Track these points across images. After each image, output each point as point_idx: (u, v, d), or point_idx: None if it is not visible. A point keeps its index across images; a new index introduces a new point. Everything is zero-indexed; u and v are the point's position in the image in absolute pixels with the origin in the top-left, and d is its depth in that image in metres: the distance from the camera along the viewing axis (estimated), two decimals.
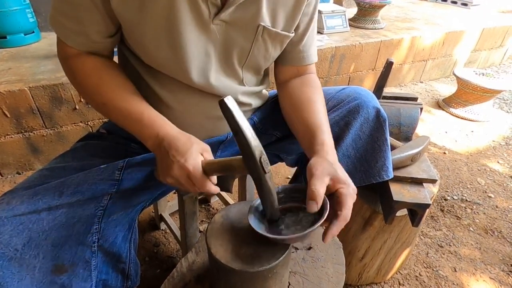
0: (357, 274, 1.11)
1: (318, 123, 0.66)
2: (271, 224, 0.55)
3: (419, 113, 1.06)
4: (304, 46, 0.75)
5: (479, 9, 3.61)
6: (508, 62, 3.48)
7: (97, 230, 0.59)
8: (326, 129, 0.65)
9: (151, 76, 0.67)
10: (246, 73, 0.73)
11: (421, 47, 2.62)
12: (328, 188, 0.52)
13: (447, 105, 2.43)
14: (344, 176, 0.54)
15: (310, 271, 0.63)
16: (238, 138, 0.47)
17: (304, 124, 0.68)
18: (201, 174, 0.54)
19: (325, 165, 0.54)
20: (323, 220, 0.48)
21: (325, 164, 0.54)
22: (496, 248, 1.32)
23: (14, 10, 1.76)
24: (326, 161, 0.56)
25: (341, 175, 0.54)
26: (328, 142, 0.62)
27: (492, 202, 1.56)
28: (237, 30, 0.63)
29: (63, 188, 0.56)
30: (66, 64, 0.64)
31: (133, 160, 0.64)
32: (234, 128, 0.47)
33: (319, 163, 0.54)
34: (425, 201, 0.82)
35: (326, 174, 0.52)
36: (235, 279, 0.50)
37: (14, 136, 1.49)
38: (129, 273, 0.67)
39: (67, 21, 0.58)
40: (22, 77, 1.48)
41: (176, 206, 1.33)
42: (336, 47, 2.18)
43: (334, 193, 0.53)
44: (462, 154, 1.92)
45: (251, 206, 0.55)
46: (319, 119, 0.67)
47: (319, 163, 0.54)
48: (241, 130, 0.46)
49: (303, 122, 0.69)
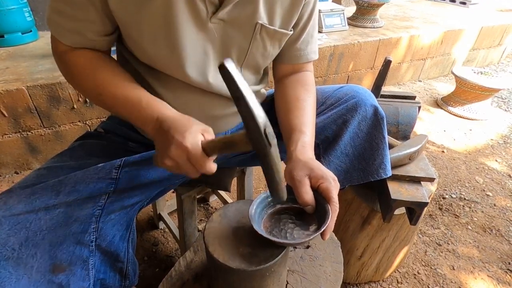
0: (355, 272, 1.11)
1: (297, 124, 0.67)
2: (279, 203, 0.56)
3: (417, 111, 1.06)
4: (301, 44, 0.75)
5: (478, 7, 3.61)
6: (506, 61, 3.49)
7: (94, 229, 0.58)
8: (305, 129, 0.66)
9: (150, 75, 0.67)
10: (245, 72, 0.72)
11: (420, 46, 2.63)
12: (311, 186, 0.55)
13: (445, 103, 2.43)
14: (321, 171, 0.56)
15: (308, 269, 0.63)
16: (240, 105, 0.43)
17: (287, 124, 0.70)
18: (200, 153, 0.50)
19: (300, 167, 0.57)
20: (324, 227, 0.50)
21: (299, 166, 0.57)
22: (494, 246, 1.32)
23: (11, 9, 1.76)
24: (299, 162, 0.58)
25: (317, 171, 0.56)
26: (303, 142, 0.63)
27: (490, 200, 1.56)
28: (235, 29, 0.63)
29: (60, 187, 0.56)
30: (60, 60, 0.63)
31: (130, 158, 0.64)
32: (235, 94, 0.42)
33: (294, 168, 0.57)
34: (423, 199, 0.82)
35: (304, 176, 0.55)
36: (233, 278, 0.50)
37: (12, 135, 1.48)
38: (127, 272, 0.66)
39: (63, 20, 0.58)
40: (19, 77, 1.47)
41: (174, 205, 1.33)
42: (334, 46, 2.18)
43: (317, 189, 0.55)
44: (461, 153, 1.93)
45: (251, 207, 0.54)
46: (300, 119, 0.68)
47: (294, 168, 0.57)
48: (242, 96, 0.41)
49: (287, 122, 0.70)
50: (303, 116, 0.69)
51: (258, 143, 0.44)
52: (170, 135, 0.51)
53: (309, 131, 0.67)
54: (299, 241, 0.51)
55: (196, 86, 0.66)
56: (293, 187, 0.55)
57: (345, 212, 1.03)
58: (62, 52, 0.62)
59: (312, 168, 0.56)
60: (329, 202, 0.53)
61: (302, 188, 0.54)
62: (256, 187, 1.60)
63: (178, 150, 0.50)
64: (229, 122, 0.78)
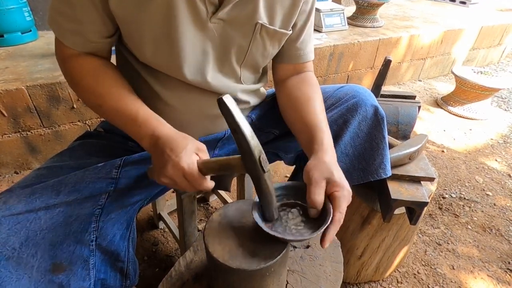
0: (355, 272, 1.11)
1: (317, 122, 0.66)
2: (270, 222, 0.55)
3: (417, 111, 1.06)
4: (302, 44, 0.75)
5: (478, 7, 3.61)
6: (506, 60, 3.49)
7: (95, 229, 0.59)
8: (325, 128, 0.65)
9: (149, 75, 0.67)
10: (244, 71, 0.72)
11: (420, 46, 2.62)
12: (325, 191, 0.54)
13: (445, 103, 2.43)
14: (340, 179, 0.55)
15: (308, 269, 0.63)
16: (237, 137, 0.47)
17: (303, 123, 0.68)
18: (197, 173, 0.53)
19: (322, 168, 0.55)
20: (328, 224, 0.50)
21: (322, 167, 0.55)
22: (494, 246, 1.32)
23: (11, 8, 1.75)
24: (323, 163, 0.56)
25: (337, 178, 0.54)
26: (326, 141, 0.62)
27: (490, 200, 1.56)
28: (235, 28, 0.63)
29: (60, 186, 0.56)
30: (64, 66, 0.64)
31: (130, 158, 0.64)
32: (232, 126, 0.46)
33: (316, 167, 0.56)
34: (423, 199, 0.82)
35: (322, 179, 0.54)
36: (233, 278, 0.50)
37: (11, 135, 1.48)
38: (127, 272, 0.66)
39: (64, 21, 0.58)
40: (19, 76, 1.47)
41: (174, 205, 1.33)
42: (334, 46, 2.18)
43: (329, 196, 0.54)
44: (460, 152, 1.93)
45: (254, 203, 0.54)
46: (317, 117, 0.67)
47: (316, 167, 0.56)
48: (239, 128, 0.45)
49: (301, 120, 0.69)
50: (320, 114, 0.68)
51: (253, 170, 0.49)
52: (166, 155, 0.53)
53: (328, 130, 0.66)
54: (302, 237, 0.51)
55: (194, 85, 0.66)
56: (308, 185, 0.54)
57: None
58: (65, 57, 0.62)
59: (332, 173, 0.55)
60: (335, 212, 0.52)
61: (317, 189, 0.52)
62: None
63: (174, 170, 0.52)
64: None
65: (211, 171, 0.54)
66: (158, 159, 0.55)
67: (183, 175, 0.53)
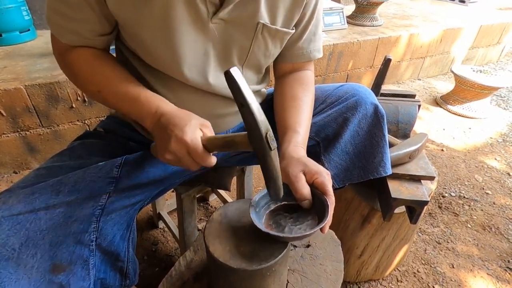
0: (355, 271, 1.11)
1: (292, 123, 0.67)
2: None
3: (417, 110, 1.06)
4: (303, 43, 0.75)
5: (477, 6, 3.61)
6: (505, 59, 3.49)
7: (95, 229, 0.58)
8: (299, 129, 0.67)
9: (150, 75, 0.67)
10: (246, 72, 0.72)
11: (419, 44, 2.62)
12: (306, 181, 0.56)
13: (445, 102, 2.43)
14: (315, 166, 0.57)
15: (309, 268, 0.63)
16: (243, 111, 0.45)
17: (282, 123, 0.70)
18: (200, 148, 0.51)
19: (294, 164, 0.57)
20: (326, 220, 0.50)
21: (294, 163, 0.58)
22: (494, 244, 1.32)
23: (9, 7, 1.74)
24: (293, 159, 0.59)
25: (312, 167, 0.56)
26: (296, 140, 0.64)
27: (489, 198, 1.56)
28: (236, 29, 0.63)
29: (60, 186, 0.56)
30: (60, 58, 0.64)
31: (131, 157, 0.64)
32: (239, 101, 0.44)
33: (289, 165, 0.58)
34: (423, 198, 0.82)
35: (299, 172, 0.56)
36: (234, 278, 0.50)
37: (10, 135, 1.48)
38: (127, 271, 0.66)
39: (60, 19, 0.58)
40: (17, 76, 1.46)
41: (174, 205, 1.33)
42: (334, 45, 2.17)
43: (312, 184, 0.56)
44: (460, 151, 1.93)
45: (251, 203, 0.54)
46: (296, 118, 0.68)
47: (289, 165, 0.58)
48: (247, 103, 0.43)
49: (282, 120, 0.70)
50: (299, 115, 0.69)
51: (259, 146, 0.46)
52: (169, 130, 0.52)
53: (303, 130, 0.67)
54: (303, 234, 0.51)
55: (195, 86, 0.66)
56: (290, 183, 0.56)
57: (345, 211, 1.03)
58: (61, 50, 0.63)
59: (306, 164, 0.57)
60: (325, 195, 0.54)
61: (299, 183, 0.54)
62: (256, 186, 1.60)
63: (178, 145, 0.51)
64: (230, 121, 0.78)
65: (215, 148, 0.52)
66: (161, 136, 0.54)
67: (186, 150, 0.51)
